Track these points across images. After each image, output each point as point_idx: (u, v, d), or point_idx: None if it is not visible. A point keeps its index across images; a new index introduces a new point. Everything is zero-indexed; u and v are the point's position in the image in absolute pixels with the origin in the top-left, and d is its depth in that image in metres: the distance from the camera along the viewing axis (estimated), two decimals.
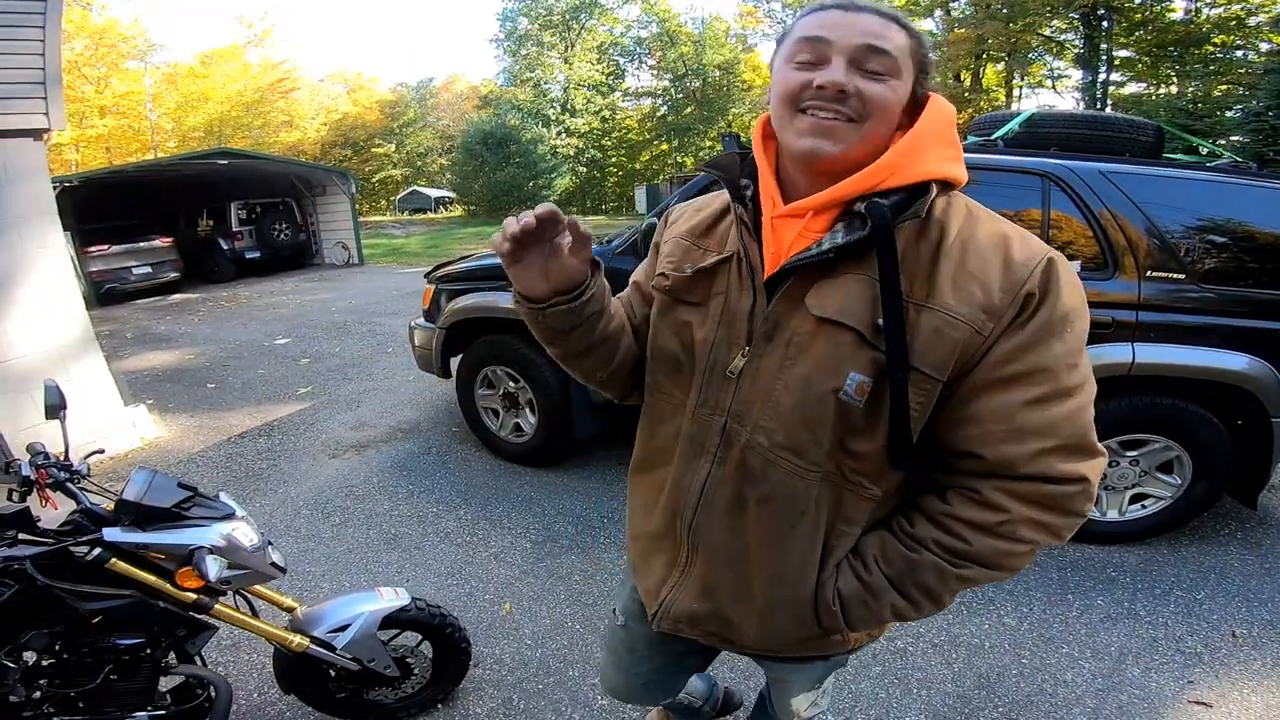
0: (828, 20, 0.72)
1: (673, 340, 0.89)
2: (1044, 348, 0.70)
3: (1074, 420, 0.71)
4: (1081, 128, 2.65)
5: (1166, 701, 1.90)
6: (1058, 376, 0.70)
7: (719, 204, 0.93)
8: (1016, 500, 0.73)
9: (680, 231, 0.94)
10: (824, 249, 0.73)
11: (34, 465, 1.39)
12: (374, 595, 1.69)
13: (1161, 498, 2.60)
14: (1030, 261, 0.70)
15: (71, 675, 1.34)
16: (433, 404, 4.51)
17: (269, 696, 1.94)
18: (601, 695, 1.96)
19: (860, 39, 0.70)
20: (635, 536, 1.04)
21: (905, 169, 0.71)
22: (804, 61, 0.72)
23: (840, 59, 0.70)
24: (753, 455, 0.82)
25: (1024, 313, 0.69)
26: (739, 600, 0.90)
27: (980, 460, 0.73)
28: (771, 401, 0.79)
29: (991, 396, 0.71)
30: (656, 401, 0.95)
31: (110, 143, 25.89)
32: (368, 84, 40.44)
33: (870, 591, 0.81)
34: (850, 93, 0.70)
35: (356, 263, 13.28)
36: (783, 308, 0.77)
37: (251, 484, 3.43)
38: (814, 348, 0.75)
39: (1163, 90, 18.53)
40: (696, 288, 0.87)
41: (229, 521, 1.43)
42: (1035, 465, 0.71)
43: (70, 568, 1.27)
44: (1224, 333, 2.31)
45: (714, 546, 0.89)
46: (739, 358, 0.81)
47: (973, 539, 0.75)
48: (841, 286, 0.74)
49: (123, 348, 6.77)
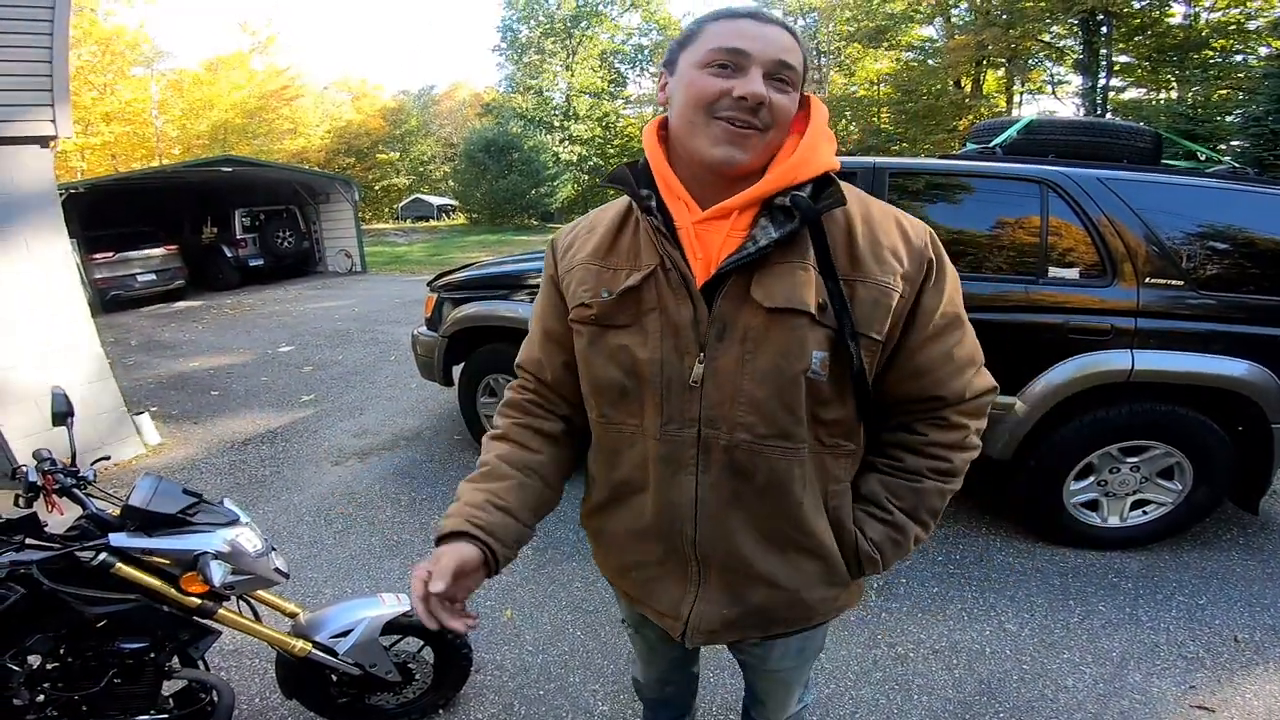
0: (745, 31, 0.75)
1: (611, 369, 0.86)
2: (949, 298, 0.85)
3: (976, 346, 0.90)
4: (1080, 134, 2.66)
5: (1168, 707, 1.89)
6: (961, 318, 0.87)
7: (610, 220, 0.90)
8: (968, 416, 0.90)
9: (584, 257, 0.89)
10: (762, 245, 0.77)
11: (40, 471, 1.41)
12: (376, 601, 1.70)
13: (1163, 504, 2.60)
14: (921, 233, 0.84)
15: (75, 679, 1.36)
16: (435, 412, 4.53)
17: (270, 701, 1.95)
18: (602, 701, 1.97)
19: (777, 54, 0.75)
20: (623, 570, 1.01)
21: (810, 164, 0.79)
22: (720, 68, 0.75)
23: (758, 70, 0.74)
24: (739, 452, 0.83)
25: (930, 275, 0.83)
26: (773, 586, 0.91)
27: (942, 399, 0.87)
28: (743, 397, 0.81)
29: (933, 348, 0.85)
30: (608, 434, 0.92)
31: (116, 150, 26.05)
32: (371, 91, 40.69)
33: (896, 529, 0.91)
34: (765, 104, 0.75)
35: (359, 270, 13.33)
36: (728, 307, 0.80)
37: (255, 490, 3.45)
38: (771, 337, 0.79)
39: (1163, 95, 18.57)
40: (624, 310, 0.84)
41: (233, 527, 1.45)
42: (973, 387, 0.88)
43: (76, 572, 1.29)
44: (1223, 339, 2.32)
45: (725, 550, 0.89)
46: (696, 366, 0.81)
47: (953, 456, 0.90)
48: (780, 276, 0.79)
49: (127, 355, 6.80)
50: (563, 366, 0.96)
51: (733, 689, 1.98)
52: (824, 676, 2.03)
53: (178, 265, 10.79)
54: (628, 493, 0.94)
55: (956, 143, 20.10)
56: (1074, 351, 2.39)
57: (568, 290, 0.91)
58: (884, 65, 25.14)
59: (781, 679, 1.16)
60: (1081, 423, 2.45)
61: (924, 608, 2.36)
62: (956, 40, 20.50)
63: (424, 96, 40.55)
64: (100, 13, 24.74)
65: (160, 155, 26.93)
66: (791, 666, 1.13)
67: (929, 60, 23.26)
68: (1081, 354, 2.38)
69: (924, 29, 24.13)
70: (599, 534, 1.03)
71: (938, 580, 2.52)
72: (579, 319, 0.89)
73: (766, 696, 1.23)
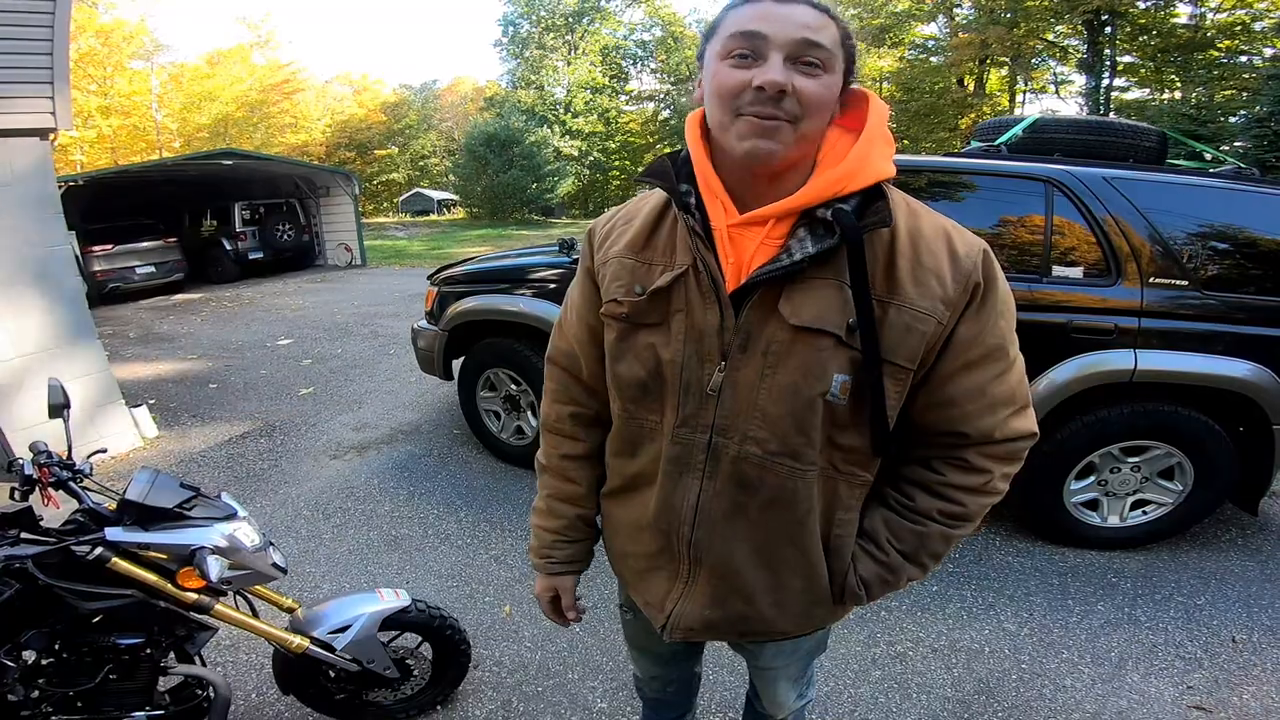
0: (763, 12, 0.69)
1: (636, 366, 0.85)
2: (994, 328, 0.78)
3: (1022, 384, 0.82)
4: (1085, 133, 2.65)
5: (1166, 707, 1.89)
6: (1006, 351, 0.80)
7: (648, 212, 0.87)
8: (995, 460, 0.83)
9: (619, 250, 0.87)
10: (796, 260, 0.72)
11: (36, 464, 1.39)
12: (374, 596, 1.69)
13: (1163, 504, 2.59)
14: (972, 253, 0.76)
15: (70, 675, 1.35)
16: (434, 406, 4.52)
17: (268, 697, 1.94)
18: (601, 698, 1.96)
19: (797, 33, 0.68)
20: (623, 555, 1.02)
21: (860, 174, 0.73)
22: (740, 57, 0.70)
23: (778, 55, 0.68)
24: (747, 465, 0.82)
25: (974, 300, 0.76)
26: (751, 599, 0.91)
27: (965, 435, 0.81)
28: (758, 411, 0.79)
29: (964, 379, 0.78)
30: (629, 427, 0.91)
31: (116, 143, 25.96)
32: (373, 85, 40.55)
33: (889, 570, 0.88)
34: (789, 92, 0.68)
35: (359, 264, 13.31)
36: (755, 318, 0.76)
37: (252, 484, 3.44)
38: (794, 354, 0.76)
39: (1167, 95, 18.50)
40: (654, 308, 0.82)
41: (231, 522, 1.44)
42: (1006, 429, 0.81)
43: (72, 567, 1.28)
44: (1226, 340, 2.31)
45: (717, 556, 0.89)
46: (716, 374, 0.79)
47: (968, 501, 0.85)
48: (812, 292, 0.74)
49: (125, 347, 6.79)
50: (597, 361, 0.94)
51: (731, 687, 1.98)
52: (822, 675, 2.03)
53: (177, 258, 10.74)
54: (639, 484, 0.94)
55: (959, 142, 20.05)
56: (1077, 351, 2.38)
57: (602, 282, 0.89)
58: (888, 63, 25.05)
59: (773, 676, 1.17)
60: (1083, 422, 2.45)
61: (923, 606, 2.36)
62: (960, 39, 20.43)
63: (426, 90, 40.41)
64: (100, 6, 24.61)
65: (161, 149, 26.83)
66: (783, 665, 1.14)
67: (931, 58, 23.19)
68: (1084, 354, 2.37)
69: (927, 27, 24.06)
70: (609, 517, 1.04)
71: (937, 579, 2.51)
72: (610, 314, 0.87)
73: (761, 691, 1.24)
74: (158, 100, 27.68)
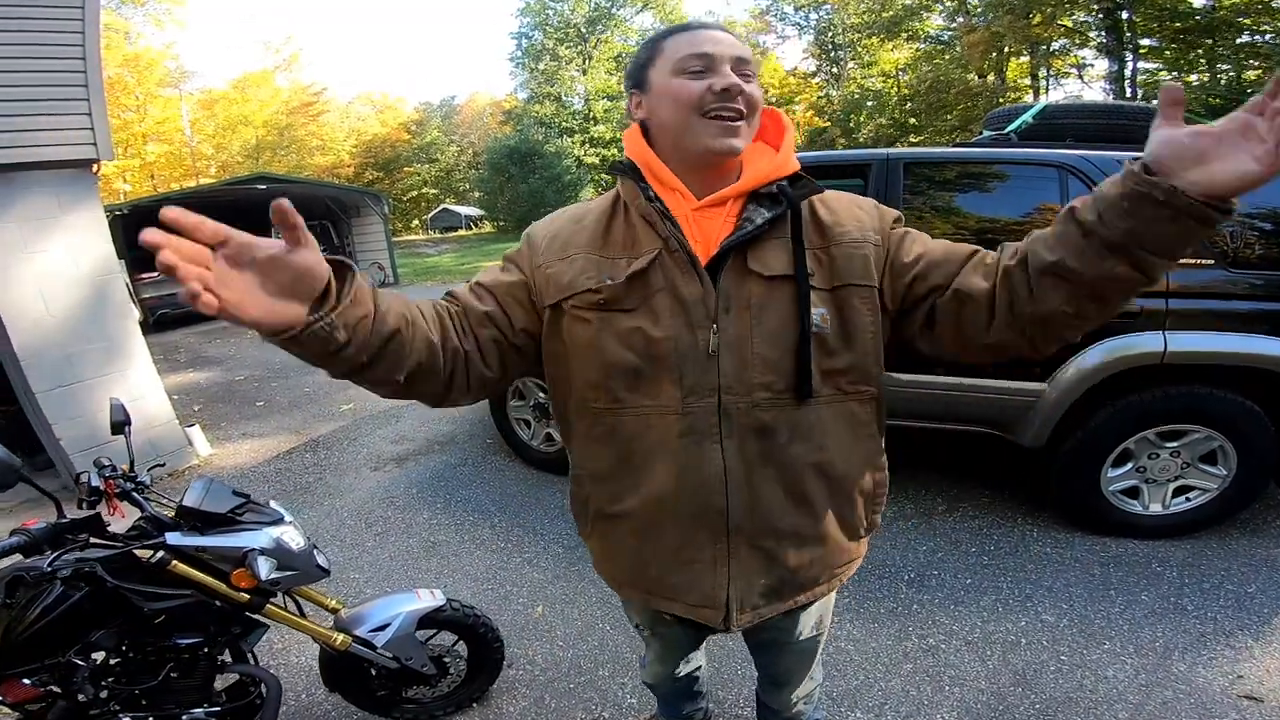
0: (709, 36, 0.88)
1: (625, 352, 0.88)
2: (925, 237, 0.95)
3: None
4: (1097, 118, 2.60)
5: (1214, 697, 1.84)
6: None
7: (599, 213, 0.95)
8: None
9: (578, 247, 0.92)
10: (759, 224, 0.88)
11: (102, 477, 1.50)
12: (412, 596, 1.76)
13: (1206, 489, 2.51)
14: (869, 204, 0.97)
15: (135, 673, 1.44)
16: (467, 417, 4.63)
17: (315, 697, 2.03)
18: (631, 694, 2.00)
19: (736, 51, 0.88)
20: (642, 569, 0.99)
21: (786, 165, 0.92)
22: (696, 72, 0.86)
23: (726, 66, 0.86)
24: (761, 411, 0.88)
25: (897, 226, 0.96)
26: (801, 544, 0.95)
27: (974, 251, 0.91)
28: (757, 359, 0.88)
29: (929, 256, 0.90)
30: (622, 422, 0.92)
31: (155, 169, 26.99)
32: (394, 104, 41.51)
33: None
34: (741, 91, 0.86)
35: (392, 282, 13.67)
36: (732, 280, 0.88)
37: (300, 497, 3.58)
38: (774, 301, 0.88)
39: (1194, 78, 17.78)
40: (633, 292, 0.88)
41: (278, 526, 1.52)
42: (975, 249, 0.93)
43: (135, 570, 1.37)
44: (1258, 318, 2.24)
45: (755, 514, 0.91)
46: (711, 336, 0.87)
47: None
48: (771, 250, 0.89)
49: (176, 370, 7.11)
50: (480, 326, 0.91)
51: (731, 685, 2.00)
52: (852, 668, 2.03)
53: None
54: (645, 481, 0.93)
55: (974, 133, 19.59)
56: (1102, 335, 2.34)
57: (547, 283, 0.91)
58: (903, 55, 24.68)
59: (807, 650, 1.20)
60: (1115, 407, 2.40)
61: (957, 599, 2.33)
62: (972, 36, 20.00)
63: (445, 106, 41.25)
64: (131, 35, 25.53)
65: (197, 174, 27.87)
66: (813, 636, 1.18)
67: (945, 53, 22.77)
68: (1110, 337, 2.33)
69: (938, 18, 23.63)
70: (606, 537, 1.02)
71: (971, 572, 2.48)
72: (585, 305, 0.89)
73: (790, 675, 1.26)
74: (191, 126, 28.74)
